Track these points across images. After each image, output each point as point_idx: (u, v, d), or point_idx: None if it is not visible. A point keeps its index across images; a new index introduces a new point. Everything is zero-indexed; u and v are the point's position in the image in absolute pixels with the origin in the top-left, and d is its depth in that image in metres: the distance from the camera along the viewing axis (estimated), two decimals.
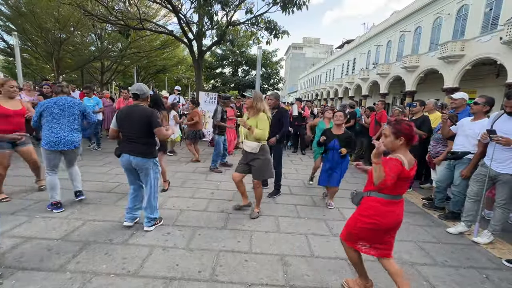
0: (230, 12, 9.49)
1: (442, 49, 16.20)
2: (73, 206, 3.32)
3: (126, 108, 2.72)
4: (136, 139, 2.66)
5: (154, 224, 2.90)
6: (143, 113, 2.63)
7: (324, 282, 2.17)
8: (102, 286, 1.98)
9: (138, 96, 2.70)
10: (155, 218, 2.91)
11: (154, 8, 15.85)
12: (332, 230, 3.11)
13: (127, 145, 2.68)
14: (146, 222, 2.86)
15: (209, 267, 2.27)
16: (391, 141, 1.83)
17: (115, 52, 18.95)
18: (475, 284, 2.26)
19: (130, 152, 2.65)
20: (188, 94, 28.32)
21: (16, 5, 13.84)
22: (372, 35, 27.14)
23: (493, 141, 2.80)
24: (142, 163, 2.70)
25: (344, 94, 33.80)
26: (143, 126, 2.63)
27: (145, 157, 2.69)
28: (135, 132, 2.65)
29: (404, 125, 1.82)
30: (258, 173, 3.28)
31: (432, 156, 4.18)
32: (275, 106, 4.29)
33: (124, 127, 2.68)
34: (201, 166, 5.81)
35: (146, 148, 2.70)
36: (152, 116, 2.65)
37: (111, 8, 9.47)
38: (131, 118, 2.64)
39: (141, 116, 2.62)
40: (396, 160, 1.75)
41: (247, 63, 23.15)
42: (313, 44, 65.03)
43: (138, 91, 2.68)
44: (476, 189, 3.07)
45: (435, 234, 3.16)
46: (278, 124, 4.21)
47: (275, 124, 4.25)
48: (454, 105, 4.09)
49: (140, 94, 2.69)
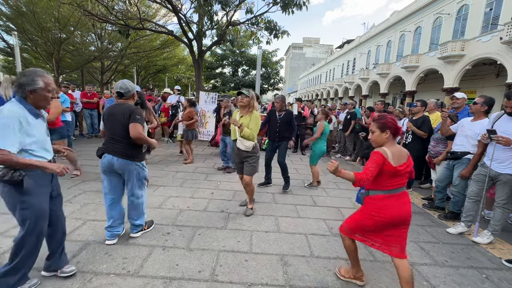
0: (230, 12, 9.49)
1: (442, 49, 16.19)
2: (73, 206, 3.32)
3: (111, 107, 2.55)
4: (121, 139, 2.44)
5: (140, 230, 2.74)
6: (126, 110, 2.43)
7: (324, 282, 2.17)
8: (102, 286, 1.98)
9: (122, 95, 2.50)
10: (140, 224, 2.71)
11: (154, 8, 15.85)
12: (332, 230, 3.11)
13: (111, 145, 2.47)
14: (132, 228, 2.71)
15: (209, 267, 2.27)
16: (378, 135, 1.93)
17: (115, 52, 18.94)
18: (475, 284, 2.26)
19: (114, 153, 2.44)
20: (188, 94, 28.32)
21: (16, 5, 13.82)
22: (372, 35, 27.13)
23: (493, 141, 2.80)
24: (126, 166, 2.47)
25: (344, 94, 33.79)
26: (127, 124, 2.40)
27: (129, 159, 2.47)
28: (119, 131, 2.44)
29: (388, 119, 1.92)
30: (251, 171, 3.30)
31: (432, 156, 4.18)
32: (281, 108, 4.41)
33: (109, 126, 2.50)
34: (201, 166, 5.81)
35: (132, 149, 2.48)
36: (132, 112, 2.43)
37: (111, 8, 9.46)
38: (114, 117, 2.45)
39: (124, 114, 2.41)
40: (376, 152, 1.85)
41: (247, 63, 23.18)
42: (313, 44, 65.00)
43: (121, 89, 2.48)
44: (476, 189, 3.07)
45: (435, 234, 3.16)
46: (287, 125, 4.38)
47: (284, 125, 4.39)
48: (456, 105, 4.09)
49: (124, 92, 2.49)
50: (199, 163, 6.05)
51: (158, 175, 4.89)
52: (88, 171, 4.80)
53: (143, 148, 2.59)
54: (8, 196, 1.74)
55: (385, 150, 1.85)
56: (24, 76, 1.74)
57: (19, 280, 1.79)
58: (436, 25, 18.41)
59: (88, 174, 4.60)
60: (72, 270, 2.07)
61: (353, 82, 30.26)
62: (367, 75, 26.89)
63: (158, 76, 29.23)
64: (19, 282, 1.79)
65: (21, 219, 1.77)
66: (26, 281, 1.84)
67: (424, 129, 4.46)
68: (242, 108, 3.29)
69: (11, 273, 1.76)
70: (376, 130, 1.94)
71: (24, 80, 1.72)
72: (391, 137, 1.90)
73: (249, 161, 3.28)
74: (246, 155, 3.26)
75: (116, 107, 2.51)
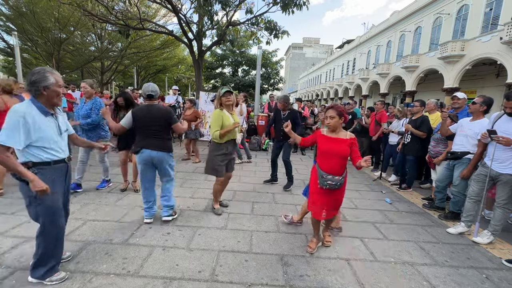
0: (230, 12, 9.49)
1: (442, 49, 16.19)
2: (73, 206, 3.32)
3: (144, 108, 2.89)
4: (159, 135, 2.86)
5: (171, 214, 3.08)
6: (162, 110, 2.89)
7: (324, 282, 2.17)
8: (102, 286, 1.98)
9: (153, 96, 2.90)
10: (173, 206, 3.11)
11: (154, 8, 15.85)
12: (332, 230, 3.11)
13: (149, 141, 2.83)
14: (164, 211, 3.04)
15: (209, 267, 2.27)
16: (337, 120, 2.41)
17: (115, 52, 18.96)
18: (475, 284, 2.26)
19: (153, 148, 2.82)
20: (189, 94, 28.32)
21: (16, 5, 13.83)
22: (372, 35, 27.13)
23: (493, 141, 2.81)
24: (163, 157, 2.89)
25: (344, 94, 33.79)
26: (164, 122, 2.86)
27: (166, 151, 2.90)
28: (158, 129, 2.84)
29: (341, 107, 2.45)
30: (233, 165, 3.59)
31: (432, 156, 4.17)
32: (285, 107, 4.47)
33: (145, 125, 2.84)
34: (201, 166, 5.80)
35: (167, 143, 2.94)
36: (171, 113, 2.93)
37: (111, 8, 9.46)
38: (152, 117, 2.83)
39: (161, 113, 2.86)
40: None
41: (247, 63, 23.16)
42: (313, 44, 64.99)
43: (153, 92, 2.89)
44: (477, 189, 3.07)
45: (435, 234, 3.16)
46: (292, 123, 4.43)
47: None
48: (457, 105, 4.09)
49: (154, 94, 2.92)
50: (199, 163, 6.06)
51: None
52: (89, 171, 4.78)
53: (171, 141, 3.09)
54: (24, 193, 1.84)
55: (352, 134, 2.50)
56: (35, 74, 1.79)
57: (47, 271, 1.95)
58: (436, 25, 18.41)
59: (89, 174, 4.60)
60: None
61: (353, 82, 30.25)
62: (367, 75, 26.89)
63: (158, 76, 29.26)
64: (48, 273, 1.95)
65: (34, 215, 1.89)
66: (55, 272, 1.99)
67: (423, 129, 4.46)
68: (229, 106, 3.23)
69: (39, 264, 1.94)
70: (336, 116, 2.39)
71: (37, 77, 1.78)
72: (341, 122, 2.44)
73: (234, 157, 3.54)
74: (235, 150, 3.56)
75: (151, 108, 2.87)
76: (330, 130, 2.46)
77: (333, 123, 2.39)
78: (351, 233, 3.06)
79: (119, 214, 3.17)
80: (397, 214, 3.74)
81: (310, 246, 2.61)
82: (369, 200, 4.25)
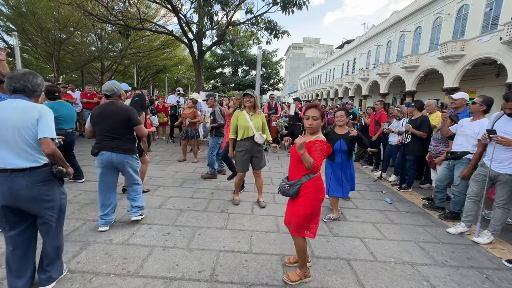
0: (230, 12, 9.50)
1: (442, 49, 16.19)
2: (73, 206, 3.33)
3: (100, 108, 2.74)
4: (119, 136, 2.68)
5: (140, 214, 2.99)
6: (121, 109, 2.69)
7: (324, 282, 2.17)
8: (102, 286, 1.99)
9: (109, 96, 2.75)
10: (142, 206, 3.01)
11: (154, 8, 15.84)
12: (332, 230, 3.11)
13: (108, 142, 2.65)
14: (134, 212, 2.94)
15: (209, 267, 2.27)
16: (320, 122, 2.04)
17: (115, 52, 18.94)
18: (475, 284, 2.26)
19: (112, 150, 2.65)
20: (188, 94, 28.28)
21: (17, 5, 13.82)
22: (372, 35, 27.13)
23: (493, 141, 2.81)
24: (124, 160, 2.73)
25: (344, 94, 33.79)
26: (122, 122, 2.66)
27: (127, 153, 2.74)
28: (116, 129, 2.66)
29: (323, 108, 2.20)
30: (263, 163, 3.71)
31: (432, 156, 4.17)
32: None
33: (103, 126, 2.66)
34: (201, 166, 5.81)
35: (129, 144, 2.77)
36: (131, 113, 2.70)
37: (111, 8, 9.46)
38: (109, 117, 2.65)
39: (119, 112, 2.67)
40: (324, 143, 1.95)
41: (247, 63, 23.15)
42: (313, 44, 64.99)
43: (108, 91, 2.72)
44: (476, 189, 3.07)
45: (435, 234, 3.16)
46: None
47: None
48: (454, 105, 4.10)
49: (110, 94, 2.74)
50: (199, 163, 6.06)
51: (158, 175, 4.89)
52: (89, 171, 4.80)
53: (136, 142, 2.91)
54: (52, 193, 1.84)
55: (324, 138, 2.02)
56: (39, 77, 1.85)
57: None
58: (436, 25, 18.41)
59: (89, 174, 4.61)
60: None
61: (353, 82, 30.25)
62: (367, 75, 26.89)
63: (158, 76, 29.22)
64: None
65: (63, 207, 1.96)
66: None
67: (424, 129, 4.46)
68: (249, 108, 3.57)
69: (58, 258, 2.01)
70: (319, 117, 2.03)
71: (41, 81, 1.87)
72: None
73: (260, 156, 3.63)
74: (258, 149, 3.60)
75: (107, 106, 2.69)
76: (310, 133, 2.06)
77: (315, 125, 2.02)
78: (351, 233, 3.06)
79: (119, 214, 3.17)
80: (397, 214, 3.74)
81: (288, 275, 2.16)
82: (369, 200, 4.25)
